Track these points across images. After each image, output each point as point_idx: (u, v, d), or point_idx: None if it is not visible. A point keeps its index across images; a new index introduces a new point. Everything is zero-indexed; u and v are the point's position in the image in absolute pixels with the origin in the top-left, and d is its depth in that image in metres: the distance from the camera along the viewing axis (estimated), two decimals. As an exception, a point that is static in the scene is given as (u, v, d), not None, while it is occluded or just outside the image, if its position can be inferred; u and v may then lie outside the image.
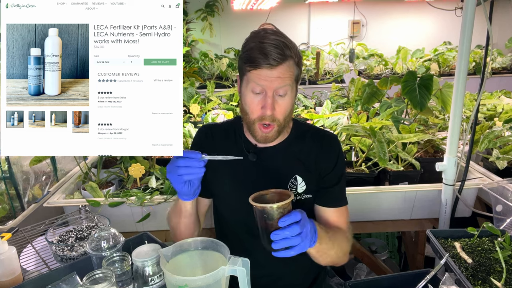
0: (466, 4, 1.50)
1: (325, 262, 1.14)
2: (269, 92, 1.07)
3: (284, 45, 1.05)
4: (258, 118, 1.11)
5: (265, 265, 1.23)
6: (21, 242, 1.44)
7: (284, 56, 1.05)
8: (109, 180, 1.91)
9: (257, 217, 0.95)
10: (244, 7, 4.40)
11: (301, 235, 0.93)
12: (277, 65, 1.04)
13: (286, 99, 1.10)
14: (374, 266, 2.15)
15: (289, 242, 0.92)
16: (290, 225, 0.91)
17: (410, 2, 5.05)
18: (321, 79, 4.04)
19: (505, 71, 4.29)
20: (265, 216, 0.92)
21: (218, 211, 1.31)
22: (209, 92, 3.12)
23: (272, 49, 1.04)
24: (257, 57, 1.04)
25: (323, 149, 1.22)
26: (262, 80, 1.06)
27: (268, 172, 1.20)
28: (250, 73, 1.08)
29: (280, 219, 0.91)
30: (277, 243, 0.92)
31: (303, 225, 0.94)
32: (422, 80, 2.04)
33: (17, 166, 1.72)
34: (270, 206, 0.91)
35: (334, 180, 1.22)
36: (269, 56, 1.03)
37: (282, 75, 1.06)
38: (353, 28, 5.07)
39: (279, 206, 0.91)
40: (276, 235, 0.91)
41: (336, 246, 1.13)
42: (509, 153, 1.87)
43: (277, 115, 1.10)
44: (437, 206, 1.76)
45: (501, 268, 1.08)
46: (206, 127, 1.32)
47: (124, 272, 1.06)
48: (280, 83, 1.06)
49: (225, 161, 1.20)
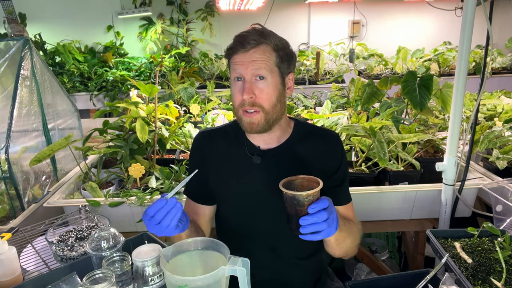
0: (466, 4, 1.50)
1: (340, 251, 1.16)
2: (247, 76, 1.10)
3: (259, 33, 1.10)
4: (239, 105, 1.12)
5: (267, 265, 1.23)
6: (21, 242, 1.44)
7: (258, 41, 1.09)
8: (109, 180, 1.91)
9: (287, 203, 0.97)
10: (231, 8, 4.39)
11: (328, 221, 0.95)
12: (250, 48, 1.09)
13: (266, 83, 1.10)
14: (374, 266, 2.15)
15: (317, 227, 0.94)
16: (319, 211, 0.94)
17: (410, 2, 5.04)
18: (321, 79, 4.03)
19: (505, 71, 4.28)
20: (295, 202, 0.95)
21: (220, 212, 1.31)
22: (209, 92, 3.12)
23: (247, 35, 1.09)
24: (235, 45, 1.11)
25: (328, 149, 1.23)
26: (239, 65, 1.10)
27: (272, 173, 1.19)
28: (230, 62, 1.13)
29: (310, 206, 0.94)
30: (305, 227, 0.94)
31: (330, 212, 0.96)
32: (422, 80, 2.04)
33: (17, 166, 1.72)
34: (301, 194, 0.94)
35: (340, 179, 1.23)
36: (244, 41, 1.09)
37: (256, 58, 1.09)
38: (353, 28, 5.06)
39: (309, 194, 0.94)
40: (305, 220, 0.94)
41: (351, 235, 1.16)
42: (509, 153, 1.87)
43: (259, 100, 1.10)
44: (437, 206, 1.76)
45: (501, 268, 1.08)
46: (204, 133, 1.31)
47: (124, 272, 1.06)
48: (255, 66, 1.09)
49: (230, 163, 1.22)
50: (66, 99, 2.28)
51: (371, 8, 5.03)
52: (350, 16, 4.99)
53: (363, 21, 5.10)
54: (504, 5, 4.67)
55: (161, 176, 1.84)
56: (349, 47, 4.87)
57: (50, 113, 2.08)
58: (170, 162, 2.00)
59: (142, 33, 4.85)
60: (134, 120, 1.92)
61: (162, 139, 2.05)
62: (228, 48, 1.14)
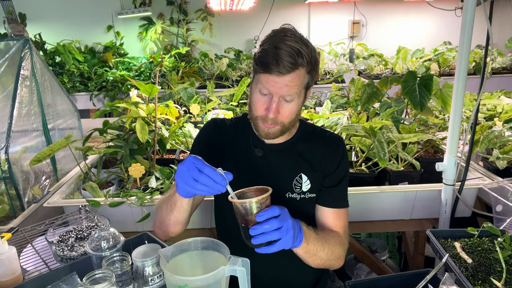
0: (466, 4, 1.50)
1: (315, 264, 1.13)
2: (275, 97, 1.08)
3: (297, 53, 1.04)
4: (260, 117, 1.13)
5: (268, 264, 1.23)
6: (21, 242, 1.43)
7: (295, 65, 1.04)
8: (109, 180, 1.91)
9: (237, 214, 0.95)
10: (223, 8, 4.38)
11: (281, 230, 0.92)
12: (286, 73, 1.05)
13: (291, 104, 1.11)
14: (374, 266, 2.14)
15: (269, 237, 0.91)
16: (269, 219, 0.91)
17: (410, 2, 5.04)
18: (321, 79, 4.03)
19: (505, 71, 4.28)
20: (243, 212, 0.93)
21: (220, 208, 1.31)
22: (209, 92, 3.12)
23: (284, 57, 1.03)
24: (269, 63, 1.04)
25: (328, 150, 1.24)
26: (270, 85, 1.07)
27: (272, 167, 1.22)
28: (260, 74, 1.09)
29: (258, 214, 0.91)
30: (256, 238, 0.91)
31: (282, 220, 0.93)
32: (422, 80, 2.04)
33: (17, 166, 1.72)
34: (245, 201, 0.91)
35: (335, 181, 1.23)
36: (280, 63, 1.03)
37: (290, 83, 1.06)
38: (353, 28, 5.06)
39: (257, 201, 0.92)
40: (255, 230, 0.91)
41: (327, 248, 1.12)
42: (509, 153, 1.87)
43: (281, 118, 1.12)
44: (437, 206, 1.76)
45: (501, 268, 1.08)
46: (215, 121, 1.33)
47: (124, 272, 1.06)
48: (287, 91, 1.07)
49: (231, 154, 1.23)
50: (66, 99, 2.28)
51: (371, 8, 5.04)
52: (350, 16, 4.99)
53: (363, 21, 5.10)
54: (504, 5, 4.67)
55: (161, 176, 1.84)
56: (349, 47, 4.87)
57: (50, 113, 2.08)
58: (170, 162, 2.00)
59: (142, 33, 4.86)
60: (134, 120, 1.92)
61: (162, 139, 2.05)
62: (262, 61, 1.06)
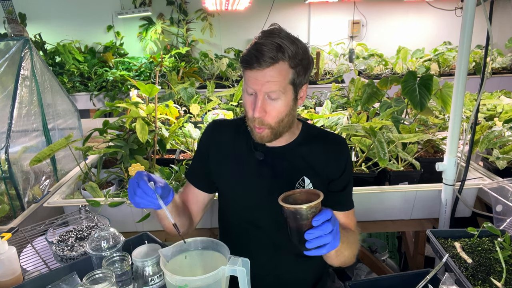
0: (466, 4, 1.50)
1: (338, 262, 1.14)
2: (260, 95, 1.06)
3: (277, 47, 1.02)
4: (250, 119, 1.12)
5: (268, 264, 1.23)
6: (21, 242, 1.43)
7: (275, 59, 1.02)
8: (109, 180, 1.91)
9: (289, 218, 0.93)
10: (219, 8, 4.38)
11: (333, 233, 0.92)
12: (266, 67, 1.02)
13: (278, 103, 1.08)
14: (374, 266, 2.15)
15: (322, 240, 0.91)
16: (323, 223, 0.90)
17: (410, 2, 5.04)
18: (321, 79, 4.03)
19: (505, 71, 4.28)
20: (298, 216, 0.90)
21: (222, 208, 1.31)
22: (209, 92, 3.12)
23: (263, 51, 1.01)
24: (250, 58, 1.03)
25: (333, 154, 1.22)
26: (252, 82, 1.05)
27: (274, 171, 1.20)
28: (245, 72, 1.08)
29: (314, 218, 0.89)
30: (311, 242, 0.91)
31: (334, 223, 0.93)
32: (422, 80, 2.04)
33: (17, 166, 1.72)
34: (304, 206, 0.89)
35: (342, 185, 1.22)
36: (259, 57, 1.02)
37: (272, 79, 1.03)
38: (353, 28, 5.06)
39: (312, 206, 0.89)
40: (311, 234, 0.90)
41: (350, 246, 1.13)
42: (509, 153, 1.87)
43: (268, 118, 1.09)
44: (437, 206, 1.76)
45: (501, 268, 1.08)
46: (216, 123, 1.32)
47: (124, 272, 1.06)
48: (269, 87, 1.04)
49: (235, 154, 1.22)
50: (66, 99, 2.28)
51: (371, 8, 5.03)
52: (350, 16, 4.99)
53: (363, 21, 5.10)
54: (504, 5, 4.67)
55: (161, 176, 1.84)
56: (349, 47, 4.87)
57: (50, 113, 2.08)
58: (170, 162, 2.00)
59: (142, 33, 4.85)
60: (134, 120, 1.92)
61: (162, 139, 2.05)
62: (244, 58, 1.06)
